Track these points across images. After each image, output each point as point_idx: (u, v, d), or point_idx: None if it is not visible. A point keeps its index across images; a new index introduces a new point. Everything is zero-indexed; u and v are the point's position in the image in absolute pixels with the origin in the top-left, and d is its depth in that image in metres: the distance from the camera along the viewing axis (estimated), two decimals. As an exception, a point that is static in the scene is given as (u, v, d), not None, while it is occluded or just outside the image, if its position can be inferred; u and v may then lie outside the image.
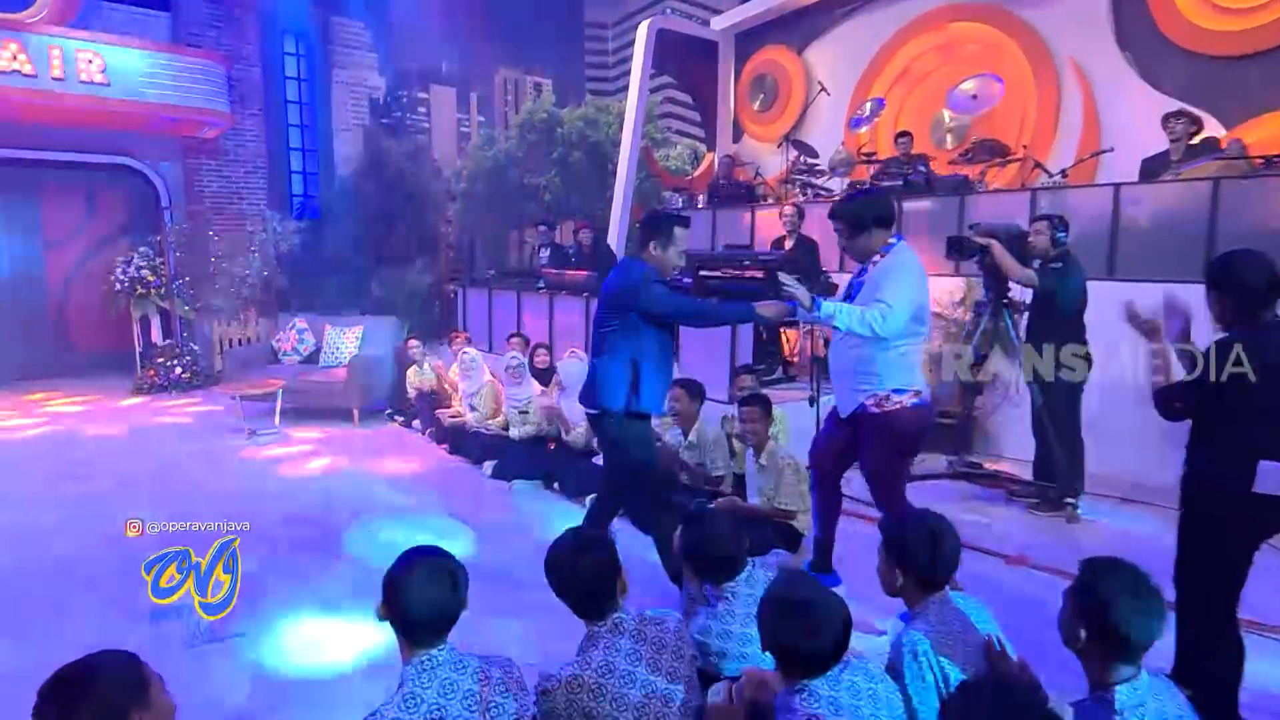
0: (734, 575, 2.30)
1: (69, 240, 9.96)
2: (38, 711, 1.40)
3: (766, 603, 1.81)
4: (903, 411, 3.10)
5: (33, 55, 8.06)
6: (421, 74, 50.48)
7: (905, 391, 3.10)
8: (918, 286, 3.10)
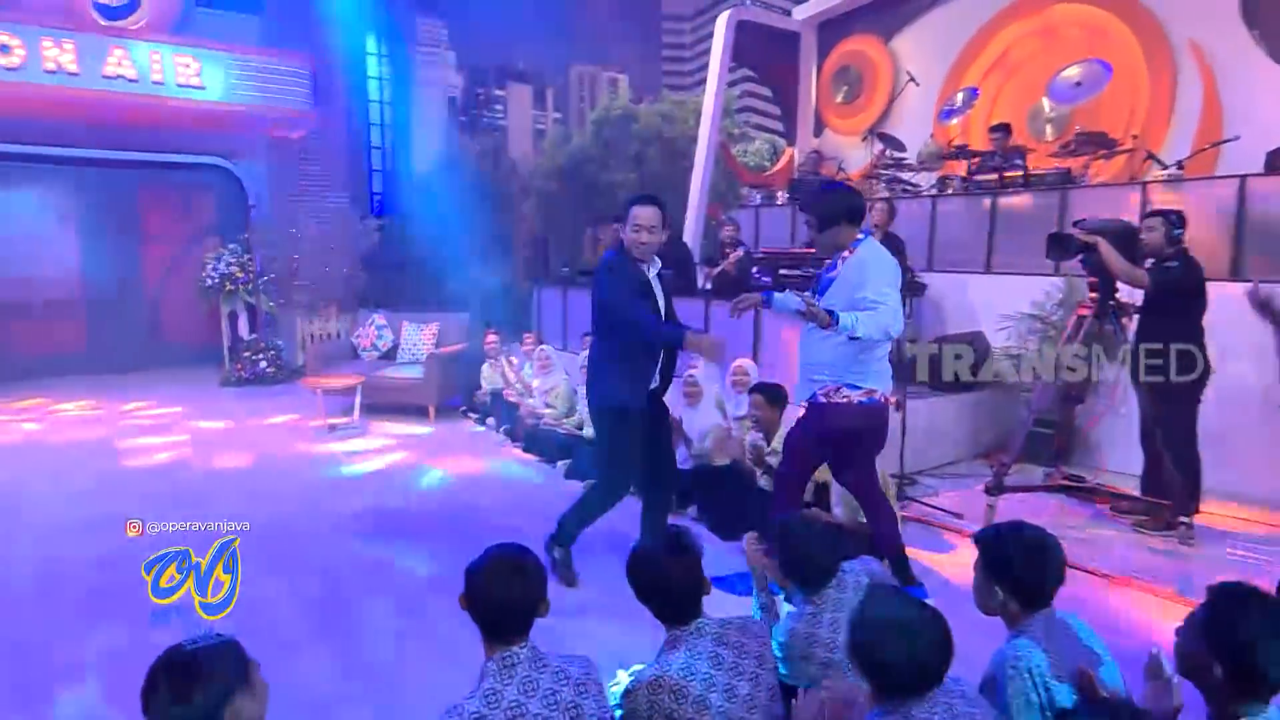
0: (827, 583, 2.23)
1: (164, 238, 10.40)
2: (148, 690, 1.46)
3: (863, 619, 1.67)
4: (847, 406, 3.20)
5: (135, 61, 8.43)
6: (499, 72, 51.34)
7: (857, 388, 3.19)
8: (894, 277, 3.15)
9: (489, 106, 49.31)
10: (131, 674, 1.50)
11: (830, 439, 3.31)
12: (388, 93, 12.38)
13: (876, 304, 3.01)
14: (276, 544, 4.19)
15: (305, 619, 3.32)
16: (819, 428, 3.28)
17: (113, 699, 2.74)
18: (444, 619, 3.33)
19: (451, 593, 3.50)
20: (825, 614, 2.17)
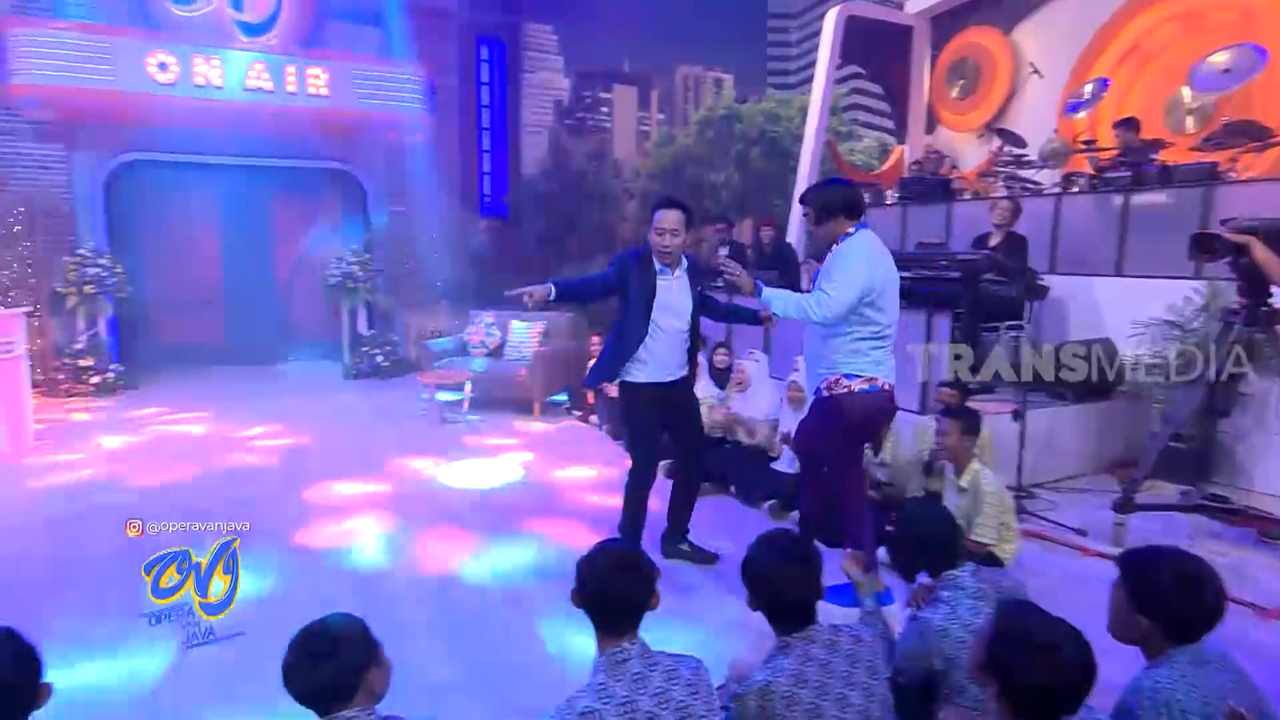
0: (952, 564, 2.17)
1: (293, 238, 11.10)
2: (289, 663, 1.56)
3: (1002, 635, 1.57)
4: (849, 395, 3.22)
5: (272, 73, 9.02)
6: (605, 74, 52.03)
7: (856, 377, 3.21)
8: (866, 273, 3.13)
9: (595, 109, 50.05)
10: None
11: (855, 427, 3.32)
12: (497, 98, 12.77)
13: (822, 292, 3.14)
14: (393, 529, 4.40)
15: (420, 605, 3.46)
16: (837, 418, 3.30)
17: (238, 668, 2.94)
18: (548, 611, 3.41)
19: (555, 584, 3.62)
20: (959, 607, 2.11)
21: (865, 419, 3.30)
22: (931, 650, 2.06)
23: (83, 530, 4.32)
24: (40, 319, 8.12)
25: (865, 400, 3.23)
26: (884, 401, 3.31)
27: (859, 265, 3.15)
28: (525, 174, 13.33)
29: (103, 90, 8.40)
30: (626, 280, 3.69)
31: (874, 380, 3.23)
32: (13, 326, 5.87)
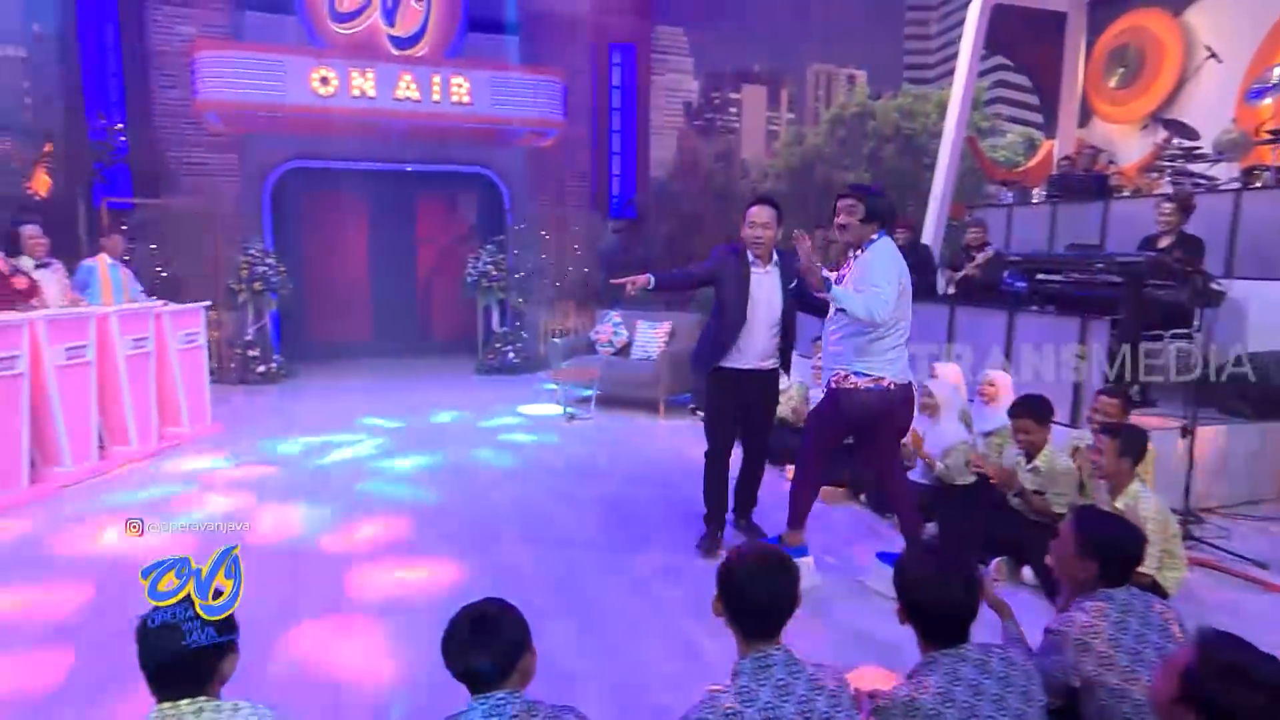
0: (1125, 582, 2.03)
1: (434, 239, 11.72)
2: (453, 641, 1.64)
3: (1209, 668, 1.41)
4: (855, 392, 3.41)
5: (419, 83, 9.56)
6: (734, 75, 51.63)
7: (864, 376, 3.40)
8: (899, 277, 3.33)
9: (724, 109, 49.86)
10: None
11: (849, 420, 3.55)
12: (628, 101, 12.94)
13: (875, 288, 3.27)
14: (528, 520, 4.56)
15: (554, 593, 3.56)
16: (835, 410, 3.53)
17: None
18: (675, 608, 3.44)
19: (678, 582, 3.63)
20: (1088, 629, 1.93)
21: (862, 414, 3.49)
22: (1070, 666, 1.92)
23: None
24: (216, 313, 8.93)
25: (867, 398, 3.43)
26: (886, 399, 3.44)
27: (895, 267, 3.35)
28: (653, 176, 13.45)
29: (273, 104, 9.17)
30: (723, 272, 3.95)
31: (880, 380, 3.41)
32: (196, 319, 6.53)
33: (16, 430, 4.77)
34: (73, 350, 5.17)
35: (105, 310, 5.59)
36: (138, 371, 5.77)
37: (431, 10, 10.77)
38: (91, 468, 5.30)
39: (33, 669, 2.93)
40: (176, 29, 9.86)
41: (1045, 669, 1.94)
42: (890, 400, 3.44)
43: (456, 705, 1.65)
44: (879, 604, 3.42)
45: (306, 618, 3.31)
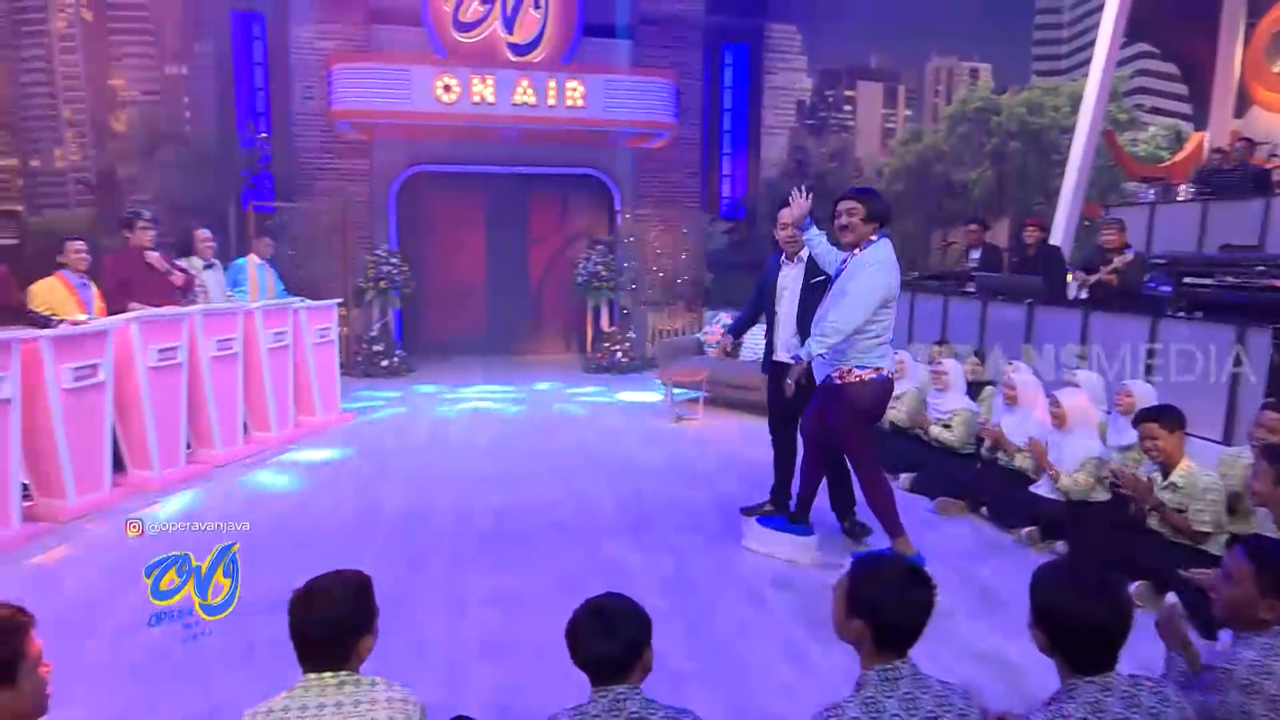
0: None
1: (545, 239, 12.02)
2: (582, 632, 1.70)
3: None
4: (859, 384, 3.62)
5: (536, 88, 9.83)
6: (849, 72, 50.31)
7: (865, 368, 3.61)
8: (878, 274, 3.53)
9: (838, 108, 48.59)
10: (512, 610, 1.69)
11: (867, 411, 3.71)
12: (739, 101, 12.86)
13: (835, 314, 3.55)
14: (635, 518, 4.61)
15: (662, 592, 3.58)
16: (852, 404, 3.66)
17: (502, 628, 3.24)
18: (785, 614, 3.40)
19: (789, 588, 3.58)
20: (1257, 668, 1.76)
21: (873, 404, 3.71)
22: (1234, 709, 1.75)
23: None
24: (345, 309, 9.48)
25: (874, 388, 3.65)
26: (888, 388, 3.73)
27: (883, 274, 3.55)
28: (764, 176, 13.33)
29: (400, 111, 9.65)
30: (767, 276, 4.48)
31: (880, 370, 3.64)
32: (329, 316, 6.96)
33: (177, 416, 5.24)
34: (223, 342, 5.62)
35: (251, 306, 6.04)
36: (278, 363, 6.21)
37: (548, 17, 11.05)
38: (237, 451, 5.74)
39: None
40: (316, 44, 10.54)
41: (1204, 710, 1.79)
42: (888, 389, 3.75)
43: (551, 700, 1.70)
44: (1004, 623, 3.27)
45: (422, 603, 3.47)
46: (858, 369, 3.61)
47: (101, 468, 4.73)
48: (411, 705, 1.69)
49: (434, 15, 10.64)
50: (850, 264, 3.64)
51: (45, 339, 4.34)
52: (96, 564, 3.87)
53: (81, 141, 59.68)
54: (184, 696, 2.73)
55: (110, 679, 2.83)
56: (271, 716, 1.63)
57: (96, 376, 4.64)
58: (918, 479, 5.10)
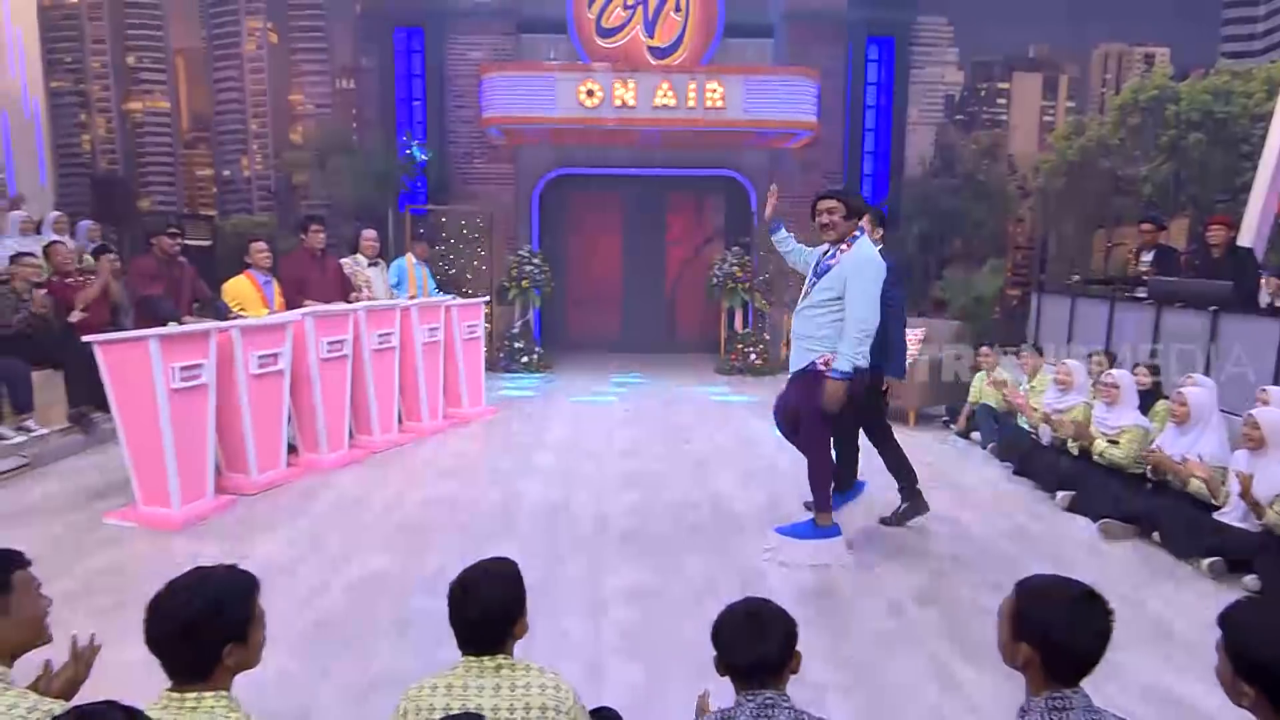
0: None
1: (681, 241, 12.10)
2: (737, 633, 1.70)
3: None
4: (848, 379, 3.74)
5: (676, 90, 9.91)
6: (1005, 63, 47.38)
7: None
8: (877, 274, 3.73)
9: (990, 101, 45.89)
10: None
11: (850, 398, 3.83)
12: (883, 97, 12.43)
13: (857, 318, 3.69)
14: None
15: (801, 600, 3.51)
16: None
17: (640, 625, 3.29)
18: (930, 631, 3.26)
19: (934, 603, 3.43)
20: None
21: (852, 392, 3.83)
22: None
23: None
24: (490, 307, 9.93)
25: (855, 383, 3.79)
26: (862, 380, 3.84)
27: (871, 272, 3.73)
28: (909, 174, 12.80)
29: (545, 117, 10.00)
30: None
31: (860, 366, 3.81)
32: (478, 313, 7.32)
33: (343, 403, 5.67)
34: (383, 336, 6.03)
35: (408, 303, 6.45)
36: (431, 357, 6.59)
37: (689, 19, 11.13)
38: (393, 439, 6.15)
39: (341, 606, 3.46)
40: (469, 55, 11.12)
41: None
42: (863, 380, 3.88)
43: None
44: (1180, 660, 2.99)
45: (562, 596, 3.58)
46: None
47: (279, 448, 5.20)
48: (564, 691, 1.75)
49: (578, 22, 10.97)
50: (844, 262, 3.78)
51: (236, 330, 4.82)
52: (276, 535, 4.26)
53: (265, 152, 66.69)
54: (346, 667, 2.94)
55: (281, 645, 3.08)
56: (436, 693, 1.73)
57: (277, 365, 5.10)
58: (1078, 499, 4.74)
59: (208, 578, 1.61)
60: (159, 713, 1.49)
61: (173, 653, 1.53)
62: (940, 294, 9.96)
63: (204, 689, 1.52)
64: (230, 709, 1.53)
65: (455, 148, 11.34)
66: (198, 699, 1.51)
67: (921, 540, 4.33)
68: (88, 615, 3.08)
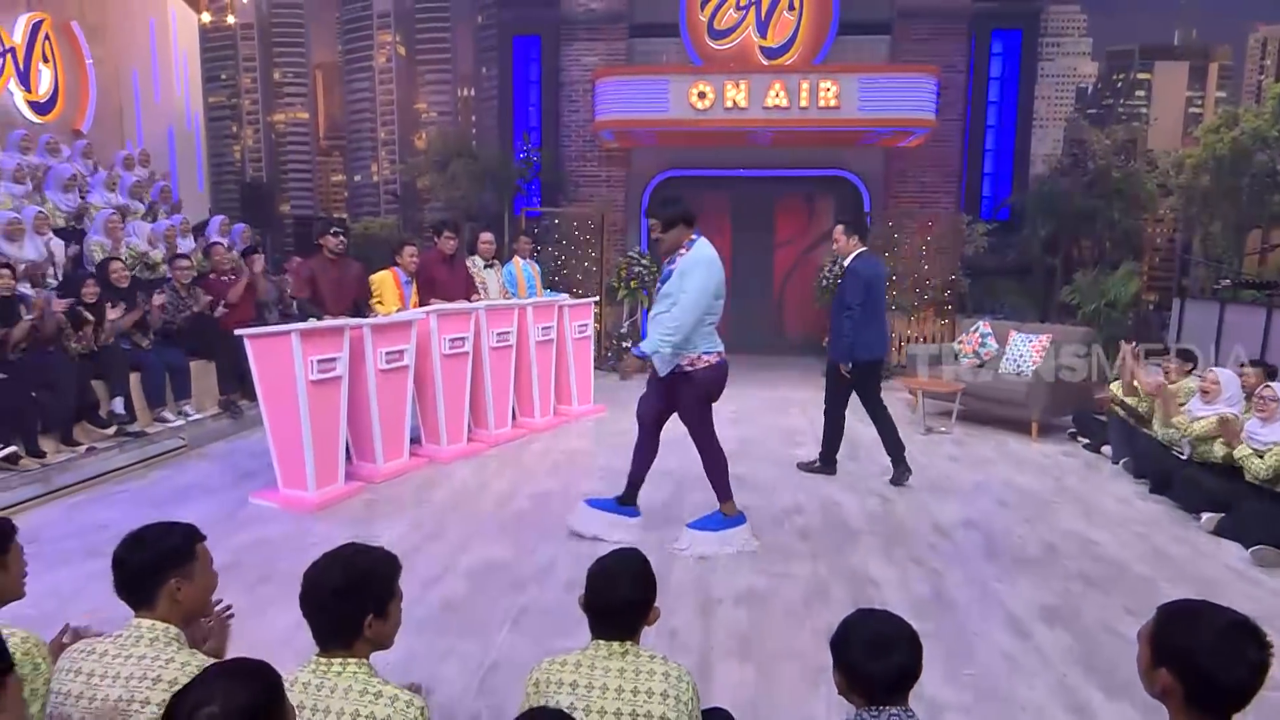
0: None
1: (790, 242, 11.93)
2: (856, 643, 1.67)
3: None
4: (707, 369, 4.03)
5: (789, 90, 9.80)
6: (1145, 52, 44.09)
7: (711, 353, 4.04)
8: (706, 276, 3.94)
9: (1128, 93, 42.86)
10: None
11: (712, 391, 4.11)
12: (1007, 92, 11.84)
13: (678, 296, 3.92)
14: (884, 533, 4.45)
15: (916, 615, 3.38)
16: (704, 386, 4.08)
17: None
18: (1058, 654, 3.11)
19: (1061, 624, 3.27)
20: None
21: (716, 385, 4.11)
22: None
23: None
24: (599, 307, 10.11)
25: (718, 371, 4.08)
26: (724, 370, 4.12)
27: (703, 271, 3.93)
28: (1035, 172, 12.16)
29: (657, 120, 10.10)
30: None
31: (720, 354, 4.10)
32: (588, 312, 7.48)
33: (462, 398, 5.93)
34: (501, 335, 6.25)
35: (523, 303, 6.66)
36: (544, 355, 6.78)
37: (803, 18, 10.97)
38: (507, 434, 6.37)
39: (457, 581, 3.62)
40: (583, 60, 11.38)
41: None
42: (726, 371, 4.12)
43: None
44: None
45: (673, 594, 3.62)
46: (705, 354, 4.03)
47: (403, 439, 5.49)
48: (685, 683, 1.78)
49: (691, 25, 11.01)
50: (678, 265, 3.99)
51: (367, 327, 5.12)
52: (401, 521, 4.50)
53: (391, 158, 71.41)
54: (467, 651, 3.08)
55: (409, 623, 3.22)
56: (565, 669, 1.81)
57: (403, 361, 5.39)
58: (1227, 521, 4.37)
59: (360, 552, 1.76)
60: (308, 675, 1.63)
61: (322, 615, 1.66)
62: (1068, 298, 9.37)
63: (347, 656, 1.65)
64: (370, 675, 1.65)
65: (568, 151, 11.62)
66: (342, 664, 1.64)
67: (1048, 558, 4.11)
68: (238, 588, 3.34)
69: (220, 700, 1.19)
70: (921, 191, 11.45)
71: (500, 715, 2.49)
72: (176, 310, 6.35)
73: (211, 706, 1.18)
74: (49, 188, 7.51)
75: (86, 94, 10.37)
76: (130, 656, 1.68)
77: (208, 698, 1.20)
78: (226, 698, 1.20)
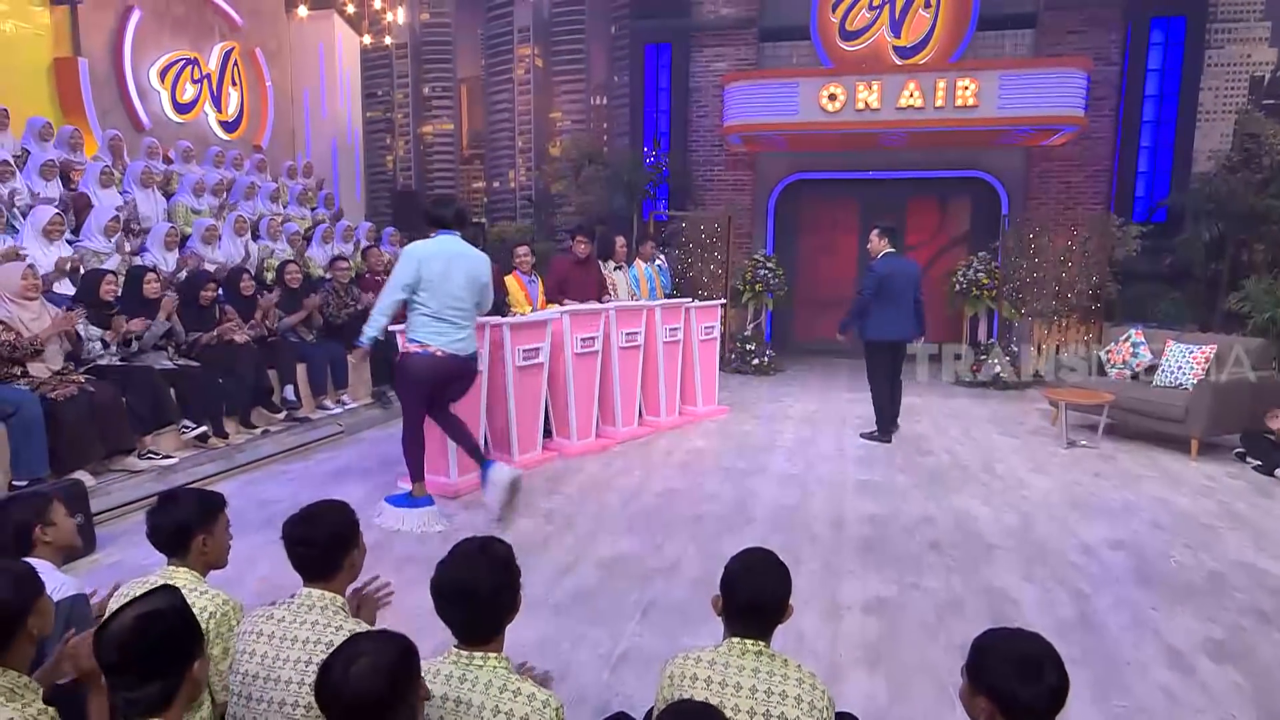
0: None
1: (924, 244, 11.54)
2: (1008, 663, 1.59)
3: None
4: (409, 357, 4.32)
5: (924, 90, 9.51)
6: (1333, 35, 39.34)
7: (414, 343, 4.29)
8: (403, 269, 4.22)
9: (1311, 81, 38.51)
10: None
11: (411, 379, 4.36)
12: (1168, 85, 10.96)
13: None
14: (1022, 549, 4.28)
15: (1062, 638, 3.26)
16: (404, 375, 4.38)
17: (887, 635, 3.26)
18: (1229, 698, 2.88)
19: (1231, 662, 3.06)
20: None
21: (417, 374, 4.30)
22: None
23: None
24: (724, 309, 10.16)
25: (417, 360, 4.26)
26: (433, 362, 4.26)
27: (401, 265, 4.22)
28: (1198, 170, 11.20)
29: (786, 123, 10.04)
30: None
31: (426, 346, 4.23)
32: (714, 314, 7.54)
33: (591, 395, 6.14)
34: (630, 335, 6.42)
35: (653, 304, 6.81)
36: (670, 356, 6.91)
37: (939, 15, 10.60)
38: (633, 432, 6.53)
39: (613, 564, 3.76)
40: (713, 66, 11.47)
41: None
42: (434, 364, 4.25)
43: None
44: None
45: (800, 599, 3.62)
46: (410, 342, 4.28)
47: (536, 433, 5.75)
48: (819, 690, 1.81)
49: (822, 27, 10.88)
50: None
51: (506, 325, 5.40)
52: (534, 511, 4.73)
53: (528, 166, 75.39)
54: (597, 638, 3.21)
55: (543, 610, 3.43)
56: (699, 665, 1.88)
57: (538, 358, 5.64)
58: None
59: (498, 557, 1.88)
60: (449, 666, 1.78)
61: (472, 613, 1.79)
62: (1236, 306, 8.57)
63: (488, 650, 1.80)
64: (510, 670, 1.78)
65: (697, 156, 11.75)
66: (484, 657, 1.78)
67: (1213, 588, 3.82)
68: (385, 567, 3.62)
69: (373, 656, 1.49)
70: (1066, 192, 10.82)
71: (631, 704, 2.55)
72: (340, 307, 6.93)
73: (367, 659, 1.48)
74: (234, 197, 8.38)
75: (266, 113, 11.50)
76: (304, 622, 1.94)
77: (364, 651, 1.50)
78: (378, 654, 1.49)
